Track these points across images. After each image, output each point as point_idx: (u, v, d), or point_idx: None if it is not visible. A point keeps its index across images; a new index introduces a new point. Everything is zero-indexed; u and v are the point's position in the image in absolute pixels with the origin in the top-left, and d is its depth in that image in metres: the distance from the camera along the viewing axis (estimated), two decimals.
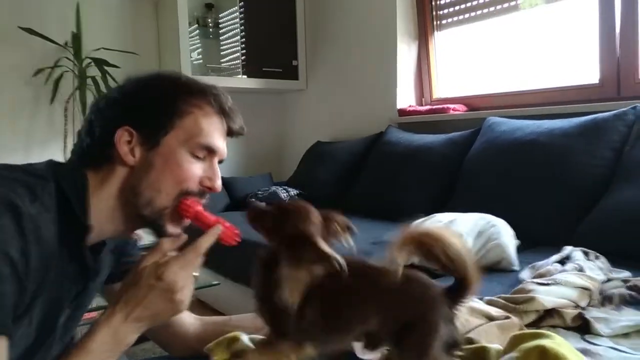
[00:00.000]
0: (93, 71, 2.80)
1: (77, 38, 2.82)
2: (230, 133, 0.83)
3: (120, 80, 0.86)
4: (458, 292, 0.68)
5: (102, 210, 0.75)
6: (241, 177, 3.30)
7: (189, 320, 0.95)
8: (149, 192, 0.75)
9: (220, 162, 0.82)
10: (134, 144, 0.75)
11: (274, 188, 2.86)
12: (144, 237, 2.05)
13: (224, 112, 0.81)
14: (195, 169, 0.77)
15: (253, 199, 2.76)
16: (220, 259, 2.06)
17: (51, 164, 0.75)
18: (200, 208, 0.77)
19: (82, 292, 0.78)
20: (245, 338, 0.83)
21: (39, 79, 2.83)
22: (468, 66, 2.69)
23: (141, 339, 0.75)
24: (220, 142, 0.80)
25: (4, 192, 0.63)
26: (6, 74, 2.85)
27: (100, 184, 0.75)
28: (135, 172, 0.75)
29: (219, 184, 0.80)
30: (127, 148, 0.74)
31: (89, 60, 2.82)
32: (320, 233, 0.68)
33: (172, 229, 0.77)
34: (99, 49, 2.85)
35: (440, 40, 2.81)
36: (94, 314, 1.46)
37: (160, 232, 0.78)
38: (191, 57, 3.10)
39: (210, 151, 0.78)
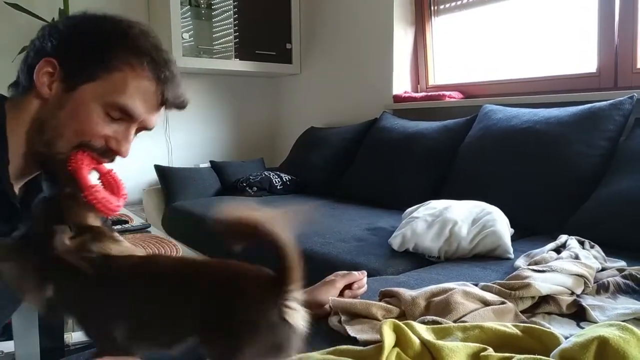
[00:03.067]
0: None
1: (64, 15, 2.75)
2: (164, 103, 0.79)
3: None
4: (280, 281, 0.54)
5: (16, 142, 0.73)
6: (233, 161, 3.26)
7: None
8: (51, 132, 0.73)
9: (144, 129, 0.79)
10: (55, 78, 0.73)
11: (266, 173, 2.83)
12: (135, 219, 2.01)
13: (159, 79, 0.76)
14: (102, 126, 0.74)
15: (244, 184, 2.73)
16: (212, 244, 2.03)
17: None
18: (82, 165, 0.73)
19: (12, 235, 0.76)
20: None
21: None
22: (465, 53, 2.66)
23: None
24: (141, 107, 0.76)
25: None
26: None
27: (17, 113, 0.74)
28: (47, 107, 0.74)
29: (125, 148, 0.77)
30: (46, 80, 0.73)
31: None
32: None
33: (63, 181, 0.74)
34: None
35: (438, 26, 2.78)
36: None
37: (52, 178, 0.76)
38: (182, 39, 3.04)
39: (127, 114, 0.75)
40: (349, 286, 0.99)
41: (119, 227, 1.79)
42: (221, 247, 0.53)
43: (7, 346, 1.55)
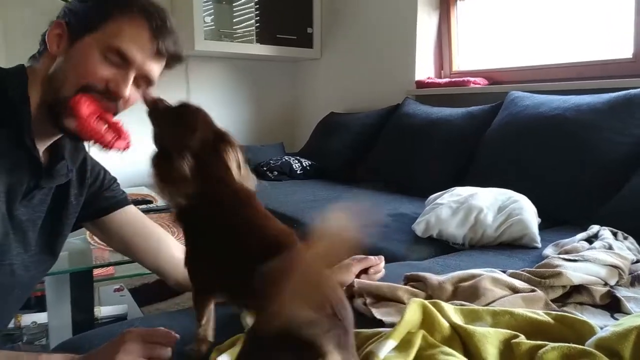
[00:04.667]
0: None
1: None
2: (159, 53, 0.83)
3: None
4: None
5: (35, 99, 0.79)
6: (253, 145, 3.26)
7: (177, 254, 1.00)
8: (58, 81, 0.79)
9: (146, 78, 0.83)
10: (63, 37, 0.80)
11: (286, 158, 2.82)
12: (158, 200, 2.02)
13: (152, 28, 0.81)
14: (102, 68, 0.79)
15: (265, 168, 2.73)
16: None
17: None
18: (82, 101, 0.77)
19: (36, 192, 0.83)
20: None
21: None
22: (490, 38, 2.59)
23: (153, 300, 0.74)
24: (135, 51, 0.80)
25: None
26: (17, 31, 2.80)
27: (33, 76, 0.80)
28: (56, 63, 0.80)
29: (124, 90, 0.80)
30: (56, 40, 0.80)
31: None
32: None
33: (67, 122, 0.79)
34: None
35: (463, 10, 2.71)
36: (103, 270, 1.45)
37: (58, 123, 0.80)
38: (204, 22, 3.02)
39: (124, 58, 0.79)
40: (365, 270, 0.98)
41: (143, 206, 1.80)
42: None
43: (41, 317, 1.59)
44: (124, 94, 0.81)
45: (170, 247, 1.04)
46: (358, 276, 0.97)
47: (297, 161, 2.80)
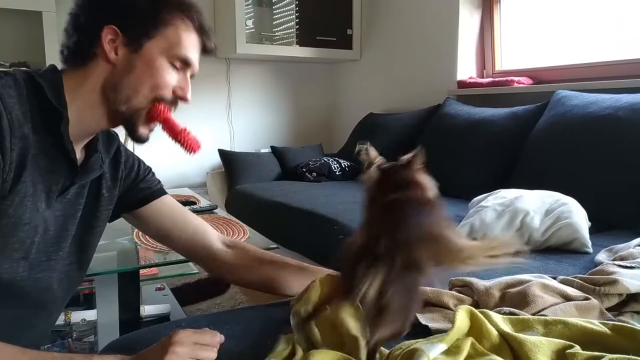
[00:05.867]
0: None
1: None
2: (204, 50, 0.88)
3: None
4: None
5: (85, 104, 0.81)
6: (292, 147, 3.28)
7: (217, 245, 1.04)
8: (128, 91, 0.81)
9: (191, 76, 0.88)
10: (118, 43, 0.80)
11: (325, 159, 2.82)
12: (202, 201, 2.06)
13: (202, 30, 0.86)
14: (171, 77, 0.83)
15: (304, 169, 2.74)
16: (274, 227, 2.05)
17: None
18: (169, 115, 0.84)
19: (70, 189, 0.84)
20: None
21: None
22: (535, 36, 2.51)
23: (194, 300, 0.75)
24: (195, 56, 0.86)
25: None
26: None
27: (83, 79, 0.81)
28: (116, 70, 0.81)
29: (189, 94, 0.86)
30: (111, 46, 0.80)
31: None
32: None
33: (142, 129, 0.85)
34: None
35: (506, 8, 2.64)
36: (147, 270, 1.49)
37: (132, 131, 0.84)
38: (245, 25, 3.07)
39: (186, 63, 0.85)
40: None
41: (187, 207, 1.84)
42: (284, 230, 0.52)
43: (89, 315, 1.65)
44: (189, 99, 0.86)
45: (208, 235, 1.05)
46: None
47: (335, 162, 2.80)
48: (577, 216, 1.34)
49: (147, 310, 1.78)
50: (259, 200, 2.35)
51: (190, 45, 0.84)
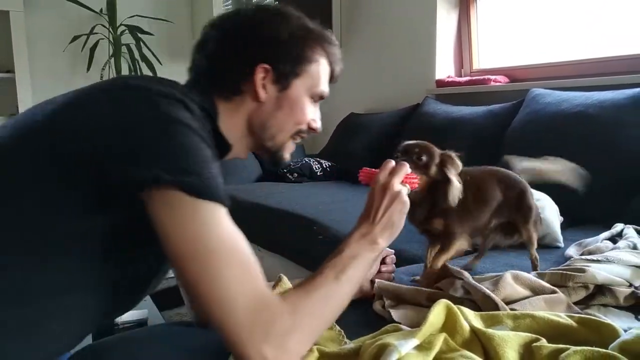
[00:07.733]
0: (127, 39, 2.80)
1: (112, 5, 2.82)
2: (331, 79, 0.91)
3: (154, 48, 0.90)
4: None
5: (235, 136, 0.83)
6: None
7: None
8: (274, 129, 0.85)
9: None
10: (267, 81, 0.81)
11: (306, 159, 2.83)
12: None
13: (334, 62, 0.89)
14: (311, 113, 0.88)
15: (285, 170, 2.75)
16: (254, 229, 2.06)
17: (179, 86, 0.77)
18: (369, 170, 0.90)
19: None
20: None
21: (75, 46, 2.85)
22: (511, 35, 2.56)
23: (174, 305, 0.76)
24: (328, 89, 0.90)
25: (172, 110, 0.66)
26: (43, 40, 2.88)
27: (231, 113, 0.82)
28: (264, 108, 0.83)
29: (320, 125, 0.91)
30: (261, 85, 0.81)
31: (124, 28, 2.82)
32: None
33: (286, 156, 0.90)
34: (133, 16, 2.85)
35: (482, 8, 2.69)
36: None
37: (278, 163, 0.90)
38: None
39: (322, 98, 0.89)
40: (382, 261, 1.01)
41: None
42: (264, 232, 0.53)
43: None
44: (320, 129, 0.91)
45: None
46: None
47: (317, 163, 2.81)
48: (549, 211, 1.38)
49: (124, 316, 1.73)
50: (240, 203, 2.35)
51: (326, 79, 0.88)
